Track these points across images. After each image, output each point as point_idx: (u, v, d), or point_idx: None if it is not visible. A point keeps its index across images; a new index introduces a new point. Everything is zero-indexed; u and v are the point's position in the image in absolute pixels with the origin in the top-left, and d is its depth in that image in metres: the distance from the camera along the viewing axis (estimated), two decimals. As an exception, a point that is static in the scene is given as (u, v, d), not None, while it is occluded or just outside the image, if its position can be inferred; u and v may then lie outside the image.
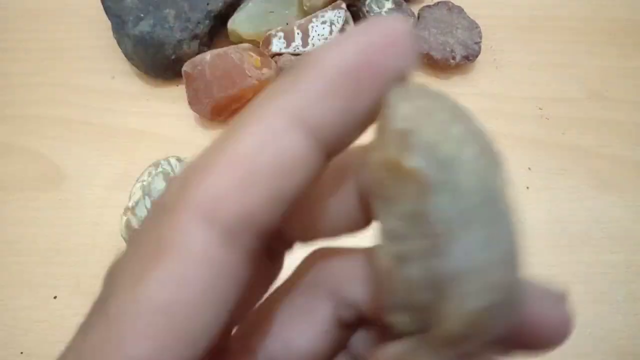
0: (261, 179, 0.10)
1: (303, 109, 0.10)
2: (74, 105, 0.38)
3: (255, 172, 0.10)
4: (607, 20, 0.45)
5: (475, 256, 0.10)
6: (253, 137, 0.10)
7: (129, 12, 0.37)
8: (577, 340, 0.31)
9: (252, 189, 0.10)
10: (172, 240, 0.10)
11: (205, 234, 0.09)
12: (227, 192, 0.10)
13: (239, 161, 0.10)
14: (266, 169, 0.10)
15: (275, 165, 0.10)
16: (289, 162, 0.10)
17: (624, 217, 0.35)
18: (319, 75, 0.10)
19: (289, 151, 0.10)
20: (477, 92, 0.40)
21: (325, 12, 0.37)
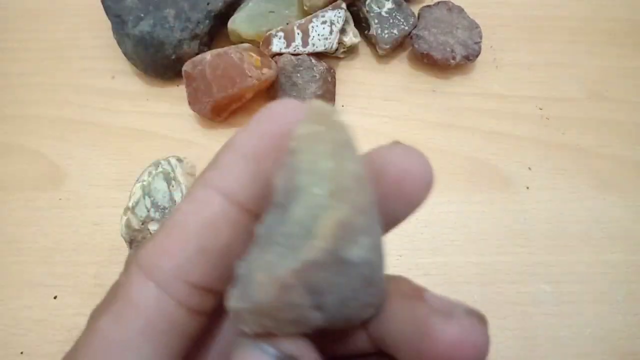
0: (188, 238, 0.12)
1: (220, 181, 0.12)
2: (74, 105, 0.38)
3: (183, 233, 0.12)
4: (607, 20, 0.45)
5: (260, 264, 0.12)
6: (182, 208, 0.13)
7: (129, 12, 0.37)
8: (577, 340, 0.31)
9: (181, 246, 0.12)
10: (121, 290, 0.12)
11: (145, 285, 0.12)
12: (162, 252, 0.12)
13: (172, 227, 0.12)
14: (192, 230, 0.12)
15: (199, 226, 0.12)
16: (210, 222, 0.12)
17: (624, 217, 0.35)
18: (230, 154, 0.13)
19: (209, 213, 0.12)
20: (477, 92, 0.40)
21: (325, 12, 0.37)
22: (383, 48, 0.39)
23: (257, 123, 0.13)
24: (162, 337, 0.12)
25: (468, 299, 0.32)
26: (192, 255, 0.12)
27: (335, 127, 0.12)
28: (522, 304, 0.32)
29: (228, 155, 0.13)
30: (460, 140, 0.38)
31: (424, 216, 0.34)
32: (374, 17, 0.39)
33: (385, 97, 0.39)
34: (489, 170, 0.36)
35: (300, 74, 0.36)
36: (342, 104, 0.39)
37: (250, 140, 0.13)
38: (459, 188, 0.36)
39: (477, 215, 0.34)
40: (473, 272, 0.32)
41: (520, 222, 0.34)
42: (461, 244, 0.33)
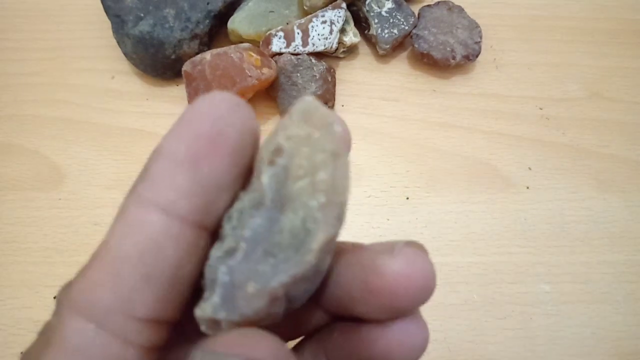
0: (129, 265, 0.11)
1: (154, 194, 0.11)
2: (74, 105, 0.38)
3: (121, 261, 0.11)
4: (607, 20, 0.45)
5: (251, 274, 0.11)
6: (115, 230, 0.11)
7: (129, 12, 0.37)
8: (577, 340, 0.31)
9: (122, 277, 0.10)
10: (55, 334, 0.11)
11: (82, 326, 0.10)
12: (98, 285, 0.11)
13: (107, 254, 0.11)
14: (131, 256, 0.11)
15: (139, 250, 0.11)
16: (151, 243, 0.11)
17: (624, 217, 0.35)
18: (160, 160, 0.11)
19: (148, 234, 0.11)
20: (477, 92, 0.40)
21: (325, 11, 0.37)
22: (383, 48, 0.39)
23: (186, 124, 0.11)
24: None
25: (468, 299, 0.32)
26: (135, 285, 0.10)
27: (329, 132, 0.12)
28: (522, 304, 0.32)
29: (160, 164, 0.11)
30: (460, 140, 0.38)
31: (424, 216, 0.34)
32: (374, 16, 0.39)
33: (385, 97, 0.39)
34: (489, 170, 0.36)
35: (300, 74, 0.36)
36: (342, 104, 0.39)
37: (181, 144, 0.11)
38: (459, 188, 0.36)
39: (477, 215, 0.34)
40: (473, 272, 0.32)
41: (520, 222, 0.34)
42: (461, 244, 0.33)
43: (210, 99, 0.11)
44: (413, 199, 0.35)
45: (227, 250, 0.11)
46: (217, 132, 0.11)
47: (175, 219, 0.11)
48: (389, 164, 0.36)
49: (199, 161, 0.11)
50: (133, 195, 0.11)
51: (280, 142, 0.11)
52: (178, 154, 0.11)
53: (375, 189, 0.35)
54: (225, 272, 0.11)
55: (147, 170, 0.11)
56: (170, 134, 0.11)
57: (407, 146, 0.37)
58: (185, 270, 0.11)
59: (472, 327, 0.31)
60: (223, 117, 0.11)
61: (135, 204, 0.11)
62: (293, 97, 0.36)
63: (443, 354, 0.30)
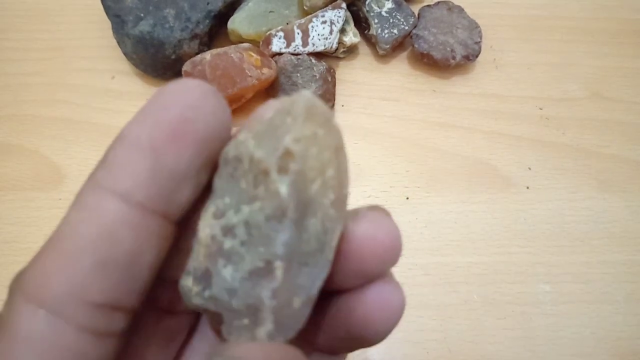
0: (82, 252, 0.10)
1: (111, 179, 0.11)
2: (74, 105, 0.38)
3: (75, 247, 0.10)
4: (607, 20, 0.45)
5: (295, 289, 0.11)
6: (71, 217, 0.11)
7: (129, 12, 0.37)
8: (577, 340, 0.31)
9: (75, 263, 0.10)
10: (6, 324, 0.10)
11: (33, 314, 0.10)
12: (51, 272, 0.10)
13: (61, 241, 0.10)
14: (86, 242, 0.10)
15: (94, 237, 0.10)
16: (107, 230, 0.10)
17: (624, 217, 0.35)
18: (120, 146, 0.11)
19: (104, 220, 0.10)
20: (477, 92, 0.40)
21: (325, 11, 0.37)
22: (383, 48, 0.39)
23: (150, 110, 0.11)
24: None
25: (468, 299, 0.32)
26: (89, 271, 0.10)
27: (331, 128, 0.12)
28: (522, 304, 0.32)
29: (120, 151, 0.11)
30: (460, 140, 0.38)
31: (424, 216, 0.34)
32: (374, 17, 0.39)
33: (385, 97, 0.39)
34: (489, 170, 0.36)
35: (300, 74, 0.36)
36: (342, 104, 0.39)
37: (143, 130, 0.11)
38: (459, 188, 0.36)
39: (477, 215, 0.34)
40: (473, 272, 0.32)
41: (520, 222, 0.34)
42: (461, 244, 0.33)
43: (180, 85, 0.11)
44: (413, 199, 0.35)
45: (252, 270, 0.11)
46: (183, 119, 0.11)
47: (133, 206, 0.11)
48: (389, 164, 0.36)
49: (161, 149, 0.11)
50: (90, 182, 0.11)
51: (289, 145, 0.11)
52: (139, 140, 0.11)
53: (375, 189, 0.35)
54: (270, 297, 0.11)
55: (106, 156, 0.11)
56: (134, 120, 0.11)
57: (407, 146, 0.37)
58: (145, 258, 0.11)
59: (472, 327, 0.31)
60: (191, 105, 0.11)
61: (92, 190, 0.11)
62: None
63: (443, 354, 0.30)
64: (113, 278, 0.10)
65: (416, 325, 0.31)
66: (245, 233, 0.11)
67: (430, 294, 0.32)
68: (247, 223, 0.11)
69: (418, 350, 0.30)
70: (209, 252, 0.11)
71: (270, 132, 0.11)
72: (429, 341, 0.30)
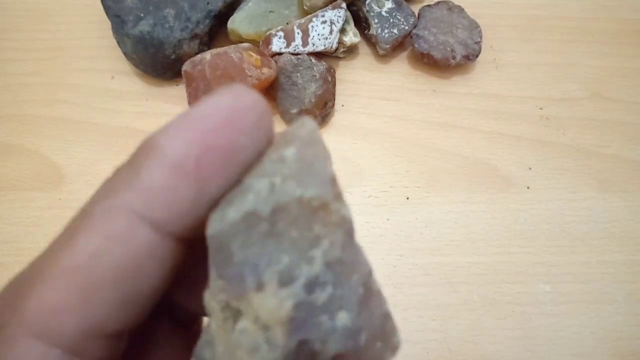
0: (106, 286, 0.09)
1: (146, 205, 0.09)
2: (74, 105, 0.38)
3: (98, 281, 0.09)
4: (607, 20, 0.45)
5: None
6: (91, 241, 0.09)
7: (129, 12, 0.37)
8: (577, 340, 0.31)
9: (95, 297, 0.09)
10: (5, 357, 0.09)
11: (45, 353, 0.09)
12: (65, 305, 0.09)
13: (77, 269, 0.09)
14: (110, 275, 0.09)
15: (119, 269, 0.09)
16: (135, 263, 0.09)
17: (624, 217, 0.35)
18: (158, 165, 0.09)
19: (133, 252, 0.09)
20: (477, 92, 0.40)
21: (325, 11, 0.37)
22: (383, 48, 0.39)
23: (197, 123, 0.09)
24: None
25: (468, 299, 0.32)
26: (110, 307, 0.09)
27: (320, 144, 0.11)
28: (522, 304, 0.31)
29: (157, 171, 0.09)
30: (460, 140, 0.38)
31: (424, 216, 0.34)
32: (374, 16, 0.39)
33: (385, 97, 0.39)
34: (489, 170, 0.36)
35: (300, 74, 0.36)
36: (342, 104, 0.39)
37: (190, 150, 0.09)
38: (459, 188, 0.36)
39: (477, 215, 0.34)
40: (473, 272, 0.32)
41: (521, 222, 0.34)
42: (461, 244, 0.33)
43: (235, 97, 0.10)
44: (413, 199, 0.35)
45: (360, 301, 0.10)
46: (235, 144, 0.09)
47: (165, 237, 0.09)
48: (389, 164, 0.36)
49: (209, 177, 0.09)
50: (115, 200, 0.09)
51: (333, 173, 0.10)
52: (184, 162, 0.09)
53: (375, 189, 0.35)
54: (384, 308, 0.10)
55: (138, 171, 0.09)
56: (175, 131, 0.09)
57: (407, 146, 0.37)
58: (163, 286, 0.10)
59: (472, 327, 0.31)
60: (246, 129, 0.09)
61: (120, 213, 0.09)
62: (293, 97, 0.36)
63: (443, 354, 0.30)
64: (132, 312, 0.10)
65: (416, 325, 0.31)
66: (332, 274, 0.10)
67: (430, 294, 0.32)
68: (328, 265, 0.10)
69: (418, 350, 0.30)
70: (296, 324, 0.09)
71: (302, 168, 0.10)
72: (429, 341, 0.30)
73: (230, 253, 0.09)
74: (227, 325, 0.10)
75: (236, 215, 0.09)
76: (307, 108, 0.36)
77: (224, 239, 0.09)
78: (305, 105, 0.36)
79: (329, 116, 0.38)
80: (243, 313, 0.10)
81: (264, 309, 0.09)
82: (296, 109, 0.36)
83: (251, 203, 0.09)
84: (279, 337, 0.09)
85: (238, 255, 0.09)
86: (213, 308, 0.10)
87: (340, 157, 0.37)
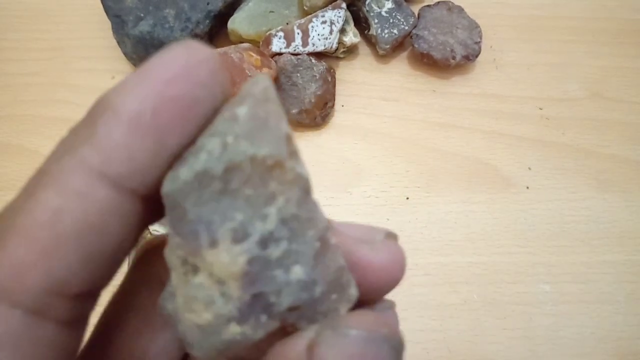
0: (67, 244, 0.09)
1: (104, 162, 0.09)
2: (74, 105, 0.38)
3: (58, 239, 0.09)
4: (607, 20, 0.45)
5: None
6: (50, 198, 0.09)
7: (129, 12, 0.37)
8: (577, 340, 0.31)
9: (58, 257, 0.09)
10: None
11: (9, 316, 0.09)
12: (26, 266, 0.09)
13: (35, 227, 0.09)
14: (71, 233, 0.09)
15: (80, 226, 0.09)
16: (96, 220, 0.09)
17: (624, 217, 0.35)
18: (114, 121, 0.09)
19: (93, 208, 0.09)
20: (477, 92, 0.40)
21: (325, 11, 0.37)
22: (383, 48, 0.39)
23: (153, 78, 0.09)
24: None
25: (468, 299, 0.32)
26: (72, 266, 0.09)
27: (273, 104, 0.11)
28: (522, 304, 0.32)
29: (115, 127, 0.09)
30: (460, 140, 0.38)
31: (424, 216, 0.34)
32: (374, 17, 0.39)
33: (385, 97, 0.39)
34: (489, 170, 0.36)
35: (300, 74, 0.36)
36: (342, 104, 0.39)
37: (146, 104, 0.09)
38: (459, 188, 0.36)
39: (477, 215, 0.34)
40: (473, 272, 0.32)
41: (520, 222, 0.34)
42: (461, 244, 0.33)
43: (188, 51, 0.10)
44: (413, 199, 0.35)
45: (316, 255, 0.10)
46: (191, 95, 0.09)
47: (125, 194, 0.09)
48: (389, 164, 0.36)
49: (167, 129, 0.09)
50: (73, 158, 0.09)
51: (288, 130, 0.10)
52: (141, 117, 0.09)
53: (375, 189, 0.35)
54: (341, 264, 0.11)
55: (94, 129, 0.09)
56: (128, 88, 0.09)
57: (407, 146, 0.37)
58: (128, 245, 0.10)
59: (472, 327, 0.31)
60: (202, 80, 0.09)
61: (78, 170, 0.09)
62: (293, 97, 0.36)
63: (443, 354, 0.30)
64: (97, 270, 0.10)
65: (416, 325, 0.31)
66: (287, 230, 0.10)
67: (430, 294, 0.32)
68: (283, 221, 0.10)
69: (418, 350, 0.30)
70: (250, 278, 0.10)
71: (256, 127, 0.10)
72: (429, 341, 0.30)
73: (184, 211, 0.10)
74: (186, 278, 0.10)
75: (189, 174, 0.09)
76: (307, 108, 0.36)
77: (178, 197, 0.09)
78: (305, 105, 0.36)
79: (329, 116, 0.38)
80: (199, 268, 0.10)
81: (217, 264, 0.10)
82: (296, 109, 0.36)
83: (203, 162, 0.09)
84: (234, 291, 0.10)
85: (191, 213, 0.09)
86: (173, 262, 0.10)
87: (340, 157, 0.37)
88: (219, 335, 0.10)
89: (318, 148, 0.37)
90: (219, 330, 0.10)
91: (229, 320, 0.10)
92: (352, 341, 0.10)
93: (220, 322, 0.10)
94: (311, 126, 0.37)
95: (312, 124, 0.37)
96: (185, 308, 0.10)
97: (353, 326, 0.10)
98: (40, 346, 0.09)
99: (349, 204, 0.35)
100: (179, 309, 0.10)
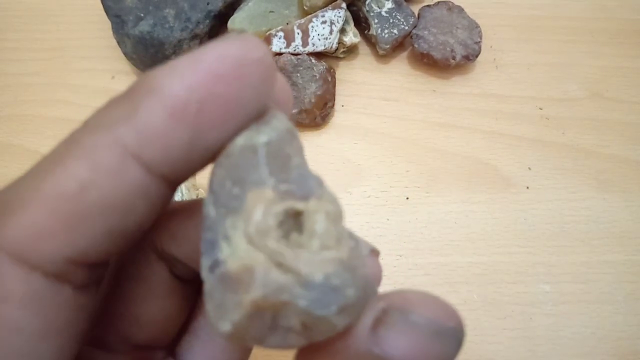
0: (92, 218, 0.09)
1: (140, 144, 0.09)
2: (74, 105, 0.38)
3: (83, 209, 0.09)
4: (607, 20, 0.45)
5: None
6: (81, 170, 0.09)
7: (129, 12, 0.37)
8: (577, 340, 0.31)
9: (80, 226, 0.09)
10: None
11: (26, 276, 0.09)
12: (50, 230, 0.09)
13: (64, 196, 0.09)
14: (96, 206, 0.09)
15: (106, 202, 0.09)
16: (123, 199, 0.09)
17: (624, 217, 0.35)
18: (158, 106, 0.09)
19: (122, 188, 0.09)
20: (477, 92, 0.40)
21: (325, 11, 0.37)
22: (383, 48, 0.39)
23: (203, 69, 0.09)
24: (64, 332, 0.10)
25: (468, 298, 0.32)
26: (96, 239, 0.09)
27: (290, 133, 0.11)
28: (522, 304, 0.32)
29: (156, 112, 0.09)
30: (460, 140, 0.38)
31: (424, 216, 0.34)
32: (374, 17, 0.39)
33: (385, 97, 0.39)
34: (489, 170, 0.36)
35: (300, 74, 0.36)
36: (342, 104, 0.39)
37: (192, 95, 0.09)
38: (459, 188, 0.36)
39: (477, 215, 0.34)
40: (473, 272, 0.32)
41: (520, 222, 0.34)
42: (461, 244, 0.33)
43: (244, 46, 0.09)
44: (413, 199, 0.35)
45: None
46: (241, 98, 0.09)
47: (154, 178, 0.09)
48: (389, 164, 0.36)
49: (207, 126, 0.09)
50: (109, 134, 0.09)
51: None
52: (186, 107, 0.09)
53: (375, 189, 0.35)
54: None
55: (135, 109, 0.09)
56: (178, 73, 0.09)
57: (407, 146, 0.37)
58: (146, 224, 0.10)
59: (472, 327, 0.31)
60: (253, 82, 0.09)
61: (111, 148, 0.09)
62: (293, 97, 0.36)
63: (443, 354, 0.30)
64: (116, 246, 0.10)
65: (416, 325, 0.31)
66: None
67: (430, 294, 0.32)
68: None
69: (418, 350, 0.30)
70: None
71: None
72: (429, 341, 0.30)
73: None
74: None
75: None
76: (307, 108, 0.36)
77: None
78: (305, 105, 0.36)
79: (329, 116, 0.38)
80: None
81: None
82: (296, 109, 0.36)
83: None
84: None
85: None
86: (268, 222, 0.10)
87: (340, 157, 0.37)
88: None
89: (318, 148, 0.37)
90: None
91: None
92: (421, 331, 0.09)
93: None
94: (311, 126, 0.37)
95: (312, 124, 0.37)
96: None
97: (423, 313, 0.09)
98: (59, 307, 0.09)
99: (349, 204, 0.35)
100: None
